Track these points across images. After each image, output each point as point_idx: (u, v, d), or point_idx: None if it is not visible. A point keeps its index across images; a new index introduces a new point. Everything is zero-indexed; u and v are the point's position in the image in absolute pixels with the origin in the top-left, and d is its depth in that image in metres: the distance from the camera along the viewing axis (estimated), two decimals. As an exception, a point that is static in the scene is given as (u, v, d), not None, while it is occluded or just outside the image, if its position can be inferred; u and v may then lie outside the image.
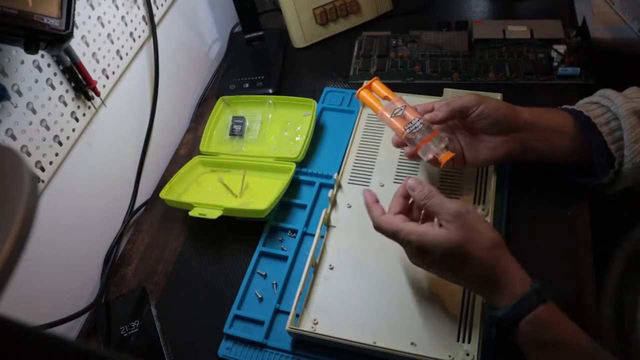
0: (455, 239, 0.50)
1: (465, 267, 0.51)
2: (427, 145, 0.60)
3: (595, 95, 0.65)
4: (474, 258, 0.50)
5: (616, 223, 0.75)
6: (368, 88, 0.68)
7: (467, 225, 0.51)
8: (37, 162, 0.61)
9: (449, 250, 0.51)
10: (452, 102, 0.63)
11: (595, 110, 0.63)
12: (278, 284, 0.65)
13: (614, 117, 0.61)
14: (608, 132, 0.61)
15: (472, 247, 0.51)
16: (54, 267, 0.65)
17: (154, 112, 0.82)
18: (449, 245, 0.50)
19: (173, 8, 0.88)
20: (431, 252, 0.51)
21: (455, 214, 0.52)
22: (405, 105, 0.64)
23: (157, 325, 0.64)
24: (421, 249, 0.52)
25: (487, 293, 0.53)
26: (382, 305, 0.60)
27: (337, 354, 0.59)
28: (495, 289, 0.51)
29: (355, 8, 0.96)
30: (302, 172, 0.76)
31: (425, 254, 0.52)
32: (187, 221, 0.75)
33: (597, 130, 0.61)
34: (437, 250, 0.51)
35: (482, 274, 0.51)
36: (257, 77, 0.91)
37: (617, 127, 0.61)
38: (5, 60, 0.55)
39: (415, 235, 0.52)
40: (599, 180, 0.63)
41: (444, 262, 0.52)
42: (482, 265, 0.51)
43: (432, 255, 0.52)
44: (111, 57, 0.72)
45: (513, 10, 0.96)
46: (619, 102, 0.60)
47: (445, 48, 0.89)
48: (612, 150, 0.61)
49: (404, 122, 0.62)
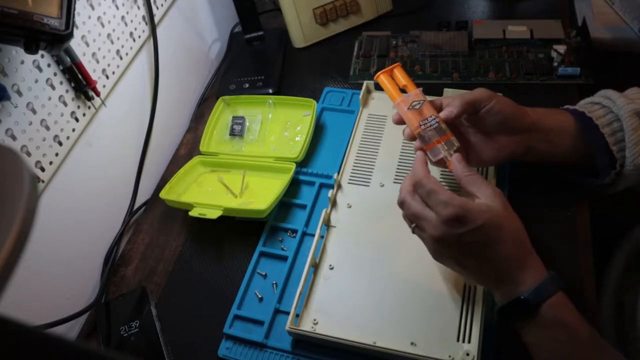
0: (498, 211, 0.51)
1: (499, 242, 0.51)
2: (437, 148, 0.59)
3: (597, 95, 0.65)
4: (509, 234, 0.51)
5: (616, 223, 0.75)
6: (389, 73, 0.66)
7: (506, 205, 0.53)
8: (37, 162, 0.61)
9: (490, 220, 0.50)
10: (465, 95, 0.61)
11: (597, 111, 0.62)
12: (278, 284, 0.65)
13: (615, 118, 0.61)
14: (610, 133, 0.61)
15: (509, 223, 0.52)
16: (54, 267, 0.65)
17: (154, 112, 0.82)
18: (491, 214, 0.51)
19: (173, 8, 0.88)
20: (472, 220, 0.50)
21: (498, 191, 0.53)
22: (424, 100, 0.62)
23: (157, 325, 0.64)
24: (461, 216, 0.50)
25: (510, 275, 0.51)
26: (382, 305, 0.60)
27: (337, 354, 0.59)
28: (521, 270, 0.51)
29: (355, 8, 0.96)
30: (302, 172, 0.76)
31: (464, 223, 0.50)
32: (187, 221, 0.75)
33: (599, 131, 0.61)
34: (479, 219, 0.50)
35: (513, 252, 0.51)
36: (257, 77, 0.91)
37: (619, 129, 0.61)
38: (5, 60, 0.55)
39: (458, 201, 0.51)
40: (600, 181, 0.63)
41: (482, 233, 0.50)
42: (515, 244, 0.52)
43: (472, 224, 0.50)
44: (111, 57, 0.72)
45: (513, 10, 0.96)
46: (621, 103, 0.60)
47: (445, 48, 0.89)
48: (614, 151, 0.61)
49: (419, 117, 0.60)
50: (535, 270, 0.51)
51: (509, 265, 0.52)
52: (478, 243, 0.51)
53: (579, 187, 0.68)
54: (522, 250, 0.52)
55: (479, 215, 0.50)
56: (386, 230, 0.66)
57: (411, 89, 0.63)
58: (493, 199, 0.52)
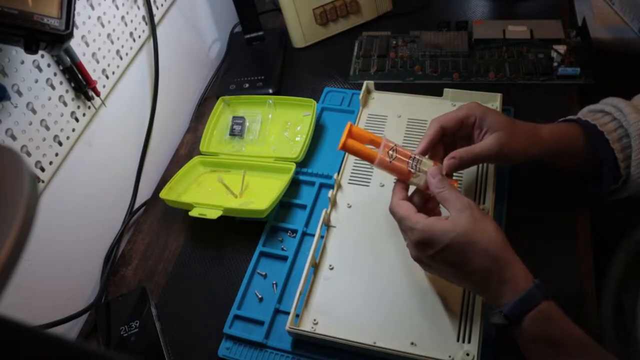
0: (463, 228, 0.51)
1: (470, 260, 0.51)
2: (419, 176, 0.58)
3: (607, 104, 0.63)
4: (479, 250, 0.50)
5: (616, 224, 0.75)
6: (350, 136, 0.60)
7: (476, 217, 0.52)
8: (37, 162, 0.61)
9: (456, 239, 0.50)
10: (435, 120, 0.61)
11: (608, 125, 0.61)
12: (278, 284, 0.65)
13: (625, 134, 0.60)
14: (620, 149, 0.60)
15: (479, 238, 0.50)
16: (54, 267, 0.65)
17: (154, 112, 0.82)
18: (456, 233, 0.50)
19: (173, 8, 0.88)
20: (437, 242, 0.51)
21: (466, 204, 0.52)
22: (394, 145, 0.59)
23: (157, 325, 0.64)
24: (426, 239, 0.52)
25: (489, 289, 0.52)
26: (382, 305, 0.60)
27: (337, 354, 0.59)
28: (498, 284, 0.50)
29: (355, 8, 0.96)
30: (302, 172, 0.76)
31: (430, 245, 0.52)
32: (187, 221, 0.75)
33: (609, 146, 0.60)
34: (444, 239, 0.50)
35: (487, 267, 0.50)
36: (257, 77, 0.91)
37: (628, 145, 0.60)
38: (5, 60, 0.55)
39: (422, 225, 0.52)
40: (602, 190, 0.63)
41: (449, 254, 0.51)
42: (488, 258, 0.50)
43: (438, 245, 0.51)
44: (111, 57, 0.72)
45: (513, 10, 0.96)
46: (632, 119, 0.59)
47: (445, 48, 0.89)
48: (621, 167, 0.60)
49: (403, 161, 0.58)
50: (515, 283, 0.50)
51: (486, 280, 0.51)
52: (448, 262, 0.52)
53: (579, 189, 0.68)
54: (497, 263, 0.50)
55: (444, 236, 0.51)
56: (386, 230, 0.66)
57: (378, 140, 0.60)
58: (460, 214, 0.52)
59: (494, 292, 0.51)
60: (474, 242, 0.50)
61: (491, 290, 0.51)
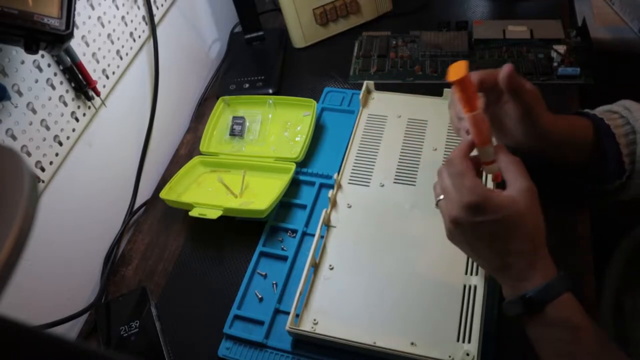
0: (521, 209, 0.50)
1: (514, 239, 0.50)
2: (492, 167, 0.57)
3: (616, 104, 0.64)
4: (526, 233, 0.50)
5: (616, 224, 0.75)
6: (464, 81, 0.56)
7: (535, 203, 0.51)
8: (37, 162, 0.61)
9: (510, 216, 0.50)
10: None
11: (616, 120, 0.62)
12: (278, 284, 0.65)
13: (631, 130, 0.61)
14: (625, 144, 0.60)
15: (530, 223, 0.51)
16: (54, 267, 0.65)
17: (154, 112, 0.82)
18: (512, 211, 0.50)
19: (173, 8, 0.88)
20: (491, 212, 0.50)
21: (531, 187, 0.52)
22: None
23: (157, 325, 0.64)
24: (482, 205, 0.50)
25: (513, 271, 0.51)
26: (382, 305, 0.60)
27: (337, 354, 0.59)
28: (527, 268, 0.51)
29: (355, 8, 0.96)
30: (302, 172, 0.76)
31: (482, 212, 0.50)
32: (187, 221, 0.75)
33: (615, 140, 0.61)
34: (499, 212, 0.50)
35: (525, 251, 0.51)
36: (257, 77, 0.91)
37: (633, 141, 0.60)
38: (6, 60, 0.55)
39: (481, 189, 0.51)
40: (605, 187, 0.63)
41: (498, 226, 0.50)
42: (530, 244, 0.51)
43: (491, 215, 0.50)
44: (111, 57, 0.72)
45: (513, 10, 0.96)
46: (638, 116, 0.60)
47: (445, 48, 0.89)
48: (625, 162, 0.60)
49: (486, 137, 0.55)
50: (545, 271, 0.51)
51: (519, 262, 0.51)
52: (492, 234, 0.51)
53: (579, 188, 0.67)
54: (535, 249, 0.51)
55: (499, 209, 0.50)
56: (386, 230, 0.66)
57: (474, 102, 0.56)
58: (523, 193, 0.51)
59: (523, 275, 0.51)
60: (525, 224, 0.50)
61: (521, 271, 0.51)
